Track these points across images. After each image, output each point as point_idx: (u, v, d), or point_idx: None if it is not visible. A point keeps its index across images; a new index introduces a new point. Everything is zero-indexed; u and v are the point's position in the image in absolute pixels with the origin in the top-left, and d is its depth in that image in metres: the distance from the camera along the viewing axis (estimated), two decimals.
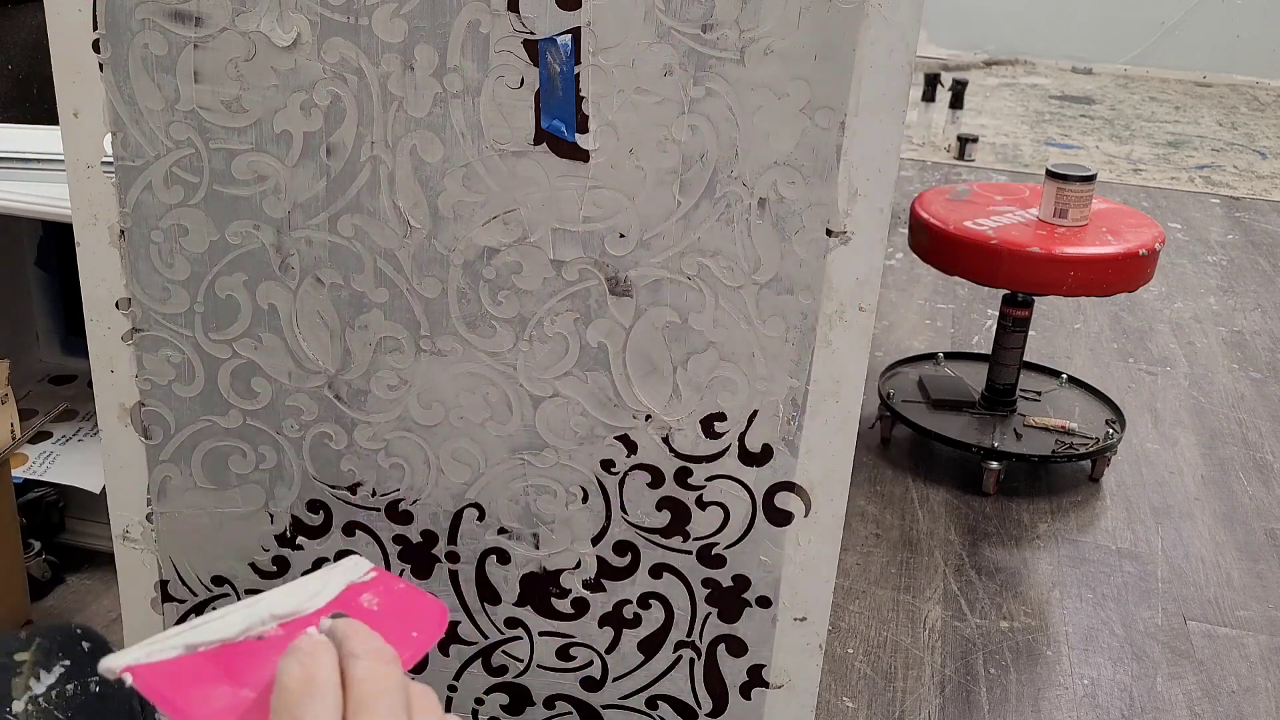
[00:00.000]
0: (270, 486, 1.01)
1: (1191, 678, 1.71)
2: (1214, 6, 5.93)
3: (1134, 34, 6.03)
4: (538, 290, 0.91)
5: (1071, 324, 2.98)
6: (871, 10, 0.80)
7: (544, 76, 0.84)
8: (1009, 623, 1.81)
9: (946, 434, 2.21)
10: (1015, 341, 2.28)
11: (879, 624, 1.79)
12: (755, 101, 0.83)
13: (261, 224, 0.92)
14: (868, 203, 0.84)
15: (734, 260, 0.87)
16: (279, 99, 0.88)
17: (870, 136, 0.83)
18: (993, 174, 4.25)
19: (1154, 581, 1.94)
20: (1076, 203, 2.14)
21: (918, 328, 2.92)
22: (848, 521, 1.91)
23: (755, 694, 1.00)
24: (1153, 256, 2.12)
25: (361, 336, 0.94)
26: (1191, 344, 2.91)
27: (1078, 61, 6.11)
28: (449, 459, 0.97)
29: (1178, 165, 4.53)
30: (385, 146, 0.88)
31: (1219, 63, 6.02)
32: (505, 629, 1.03)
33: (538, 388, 0.94)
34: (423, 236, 0.90)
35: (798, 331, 0.88)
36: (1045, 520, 2.11)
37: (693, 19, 0.81)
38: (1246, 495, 2.22)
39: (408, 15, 0.85)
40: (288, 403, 0.98)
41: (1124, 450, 2.35)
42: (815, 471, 0.92)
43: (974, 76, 5.65)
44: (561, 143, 0.86)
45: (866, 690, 1.64)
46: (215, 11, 0.87)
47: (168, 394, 0.99)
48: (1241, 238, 3.73)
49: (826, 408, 0.90)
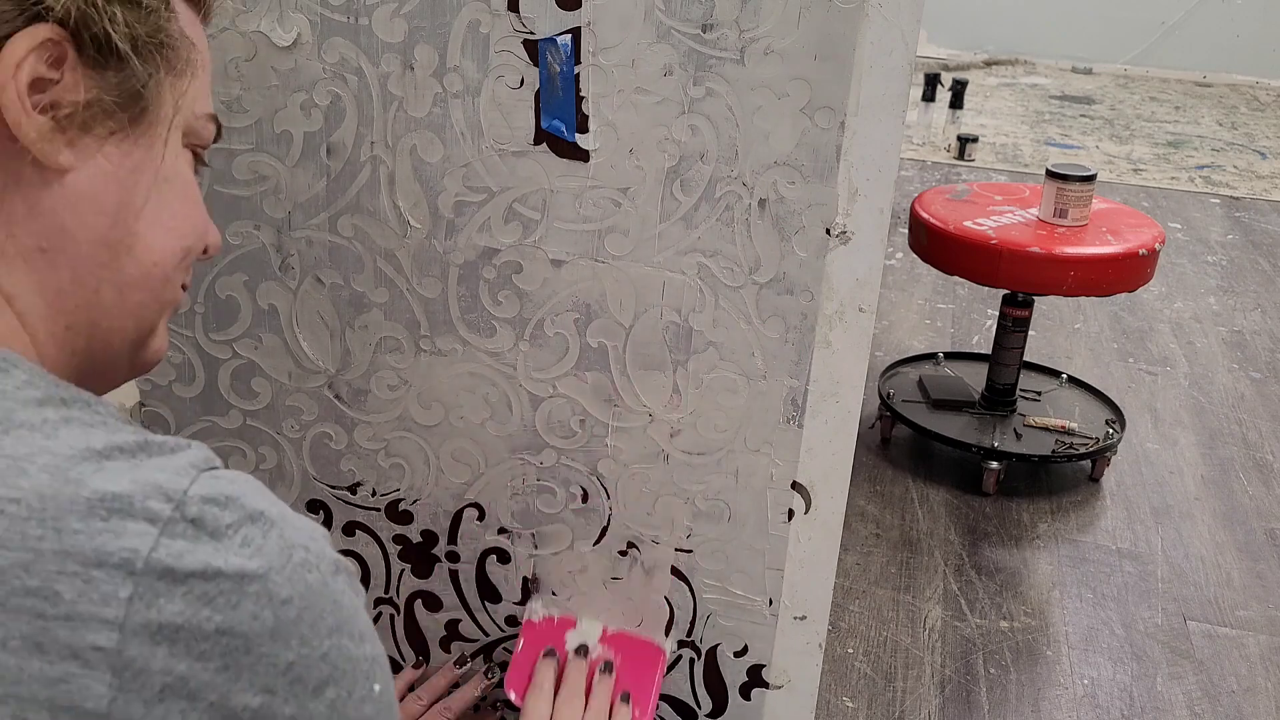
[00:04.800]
0: (270, 486, 1.01)
1: (1191, 678, 1.71)
2: (1214, 6, 5.93)
3: (1134, 34, 6.03)
4: (537, 290, 0.91)
5: (1071, 324, 2.98)
6: (871, 10, 0.80)
7: (544, 76, 0.84)
8: (1009, 623, 1.81)
9: (946, 434, 2.22)
10: (1015, 341, 2.28)
11: (879, 624, 1.79)
12: (755, 101, 0.83)
13: (261, 224, 0.92)
14: (868, 203, 0.84)
15: (734, 260, 0.87)
16: (279, 99, 0.88)
17: (870, 136, 0.83)
18: (993, 174, 4.25)
19: (1154, 581, 1.95)
20: (1076, 203, 2.14)
21: (918, 328, 2.92)
22: (848, 521, 1.91)
23: (755, 694, 1.00)
24: (1153, 256, 2.12)
25: (361, 336, 0.94)
26: (1191, 344, 2.91)
27: (1078, 61, 6.11)
28: (449, 459, 0.97)
29: (1178, 165, 4.53)
30: (385, 146, 0.88)
31: (1219, 63, 6.02)
32: (506, 627, 1.03)
33: (538, 388, 0.94)
34: (422, 236, 0.91)
35: (798, 332, 0.89)
36: (1045, 520, 2.11)
37: (693, 19, 0.82)
38: (1246, 495, 2.22)
39: (408, 15, 0.85)
40: (288, 403, 0.98)
41: (1124, 450, 2.35)
42: (815, 471, 0.92)
43: (974, 76, 5.65)
44: (561, 143, 0.86)
45: (866, 690, 1.64)
46: (215, 11, 0.86)
47: (167, 394, 0.99)
48: (1241, 238, 3.73)
49: (826, 408, 0.90)
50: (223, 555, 0.44)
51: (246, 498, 0.46)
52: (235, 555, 0.44)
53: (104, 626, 0.42)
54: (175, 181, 0.56)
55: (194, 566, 0.43)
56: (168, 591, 0.42)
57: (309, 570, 0.46)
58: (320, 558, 0.47)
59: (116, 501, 0.43)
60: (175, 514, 0.44)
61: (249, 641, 0.43)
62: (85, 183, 0.52)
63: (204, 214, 0.60)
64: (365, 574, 1.03)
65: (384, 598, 1.04)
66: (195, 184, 0.58)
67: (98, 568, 0.42)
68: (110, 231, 0.53)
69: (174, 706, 0.42)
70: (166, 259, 0.56)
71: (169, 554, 0.43)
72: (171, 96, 0.55)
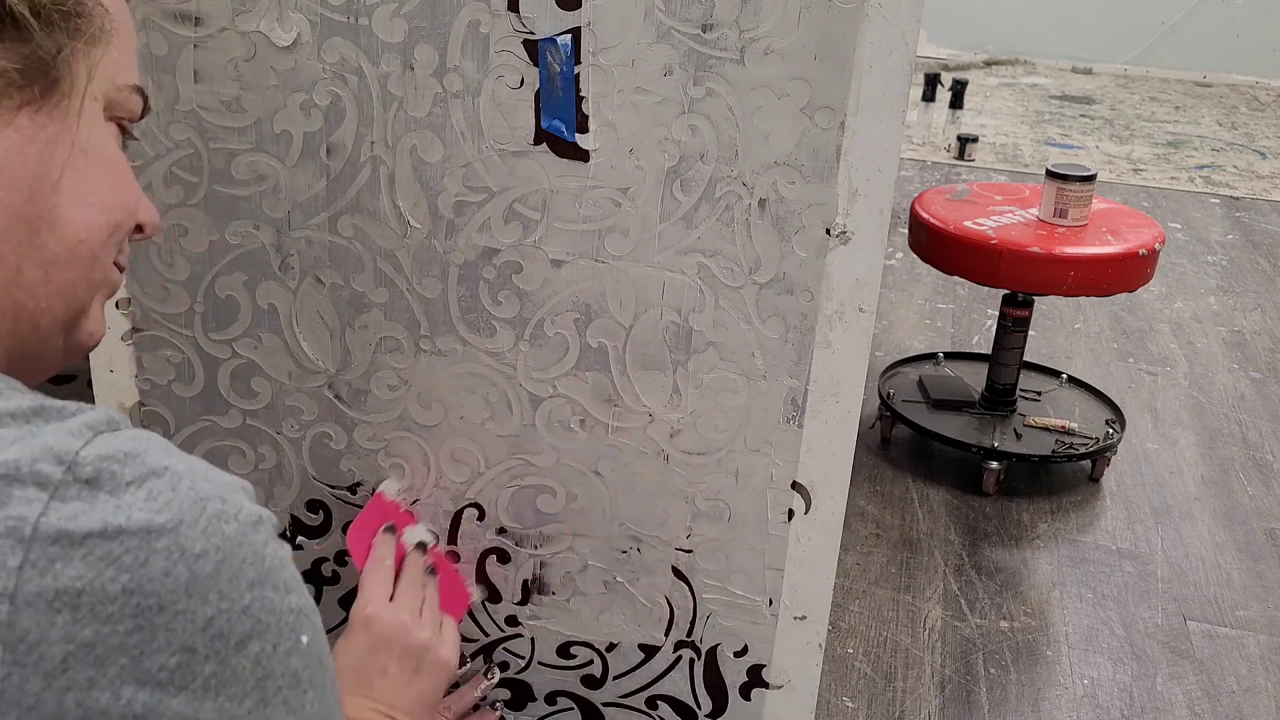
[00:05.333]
0: (270, 486, 1.01)
1: (1191, 678, 1.71)
2: (1214, 6, 5.93)
3: (1134, 34, 6.03)
4: (537, 290, 0.91)
5: (1071, 324, 2.98)
6: (871, 10, 0.80)
7: (544, 76, 0.84)
8: (1009, 623, 1.81)
9: (946, 434, 2.21)
10: (1015, 341, 2.28)
11: (879, 624, 1.79)
12: (755, 101, 0.83)
13: (261, 224, 0.92)
14: (868, 203, 0.84)
15: (734, 260, 0.87)
16: (279, 99, 0.88)
17: (870, 136, 0.83)
18: (993, 174, 4.25)
19: (1154, 581, 1.95)
20: (1076, 203, 2.14)
21: (918, 328, 2.92)
22: (848, 521, 1.91)
23: (755, 694, 1.00)
24: (1153, 256, 2.12)
25: (361, 336, 0.94)
26: (1191, 344, 2.91)
27: (1078, 61, 6.11)
28: (449, 459, 0.97)
29: (1178, 165, 4.53)
30: (385, 146, 0.88)
31: (1219, 63, 6.02)
32: (506, 626, 1.03)
33: (538, 388, 0.94)
34: (422, 236, 0.90)
35: (798, 332, 0.88)
36: (1045, 520, 2.11)
37: (693, 19, 0.81)
38: (1246, 495, 2.22)
39: (408, 15, 0.85)
40: (288, 403, 0.98)
41: (1124, 450, 2.35)
42: (815, 471, 0.92)
43: (974, 76, 5.65)
44: (561, 143, 0.86)
45: (866, 690, 1.64)
46: (215, 11, 0.87)
47: (167, 394, 0.99)
48: (1241, 238, 3.73)
49: (826, 408, 0.90)
50: (124, 512, 0.42)
51: (150, 454, 0.44)
52: (140, 511, 0.42)
53: None
54: (95, 155, 0.54)
55: (92, 526, 0.41)
56: (64, 555, 0.41)
57: (225, 521, 0.44)
58: (238, 509, 0.45)
59: (3, 468, 0.41)
60: (66, 476, 0.42)
61: (161, 599, 0.41)
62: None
63: (134, 189, 0.57)
64: None
65: None
66: (122, 158, 0.56)
67: None
68: (26, 207, 0.51)
69: (80, 675, 0.40)
70: (92, 235, 0.54)
71: (61, 517, 0.41)
72: (85, 66, 0.53)
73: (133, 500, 0.42)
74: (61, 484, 0.42)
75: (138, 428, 0.46)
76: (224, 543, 0.44)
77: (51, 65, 0.51)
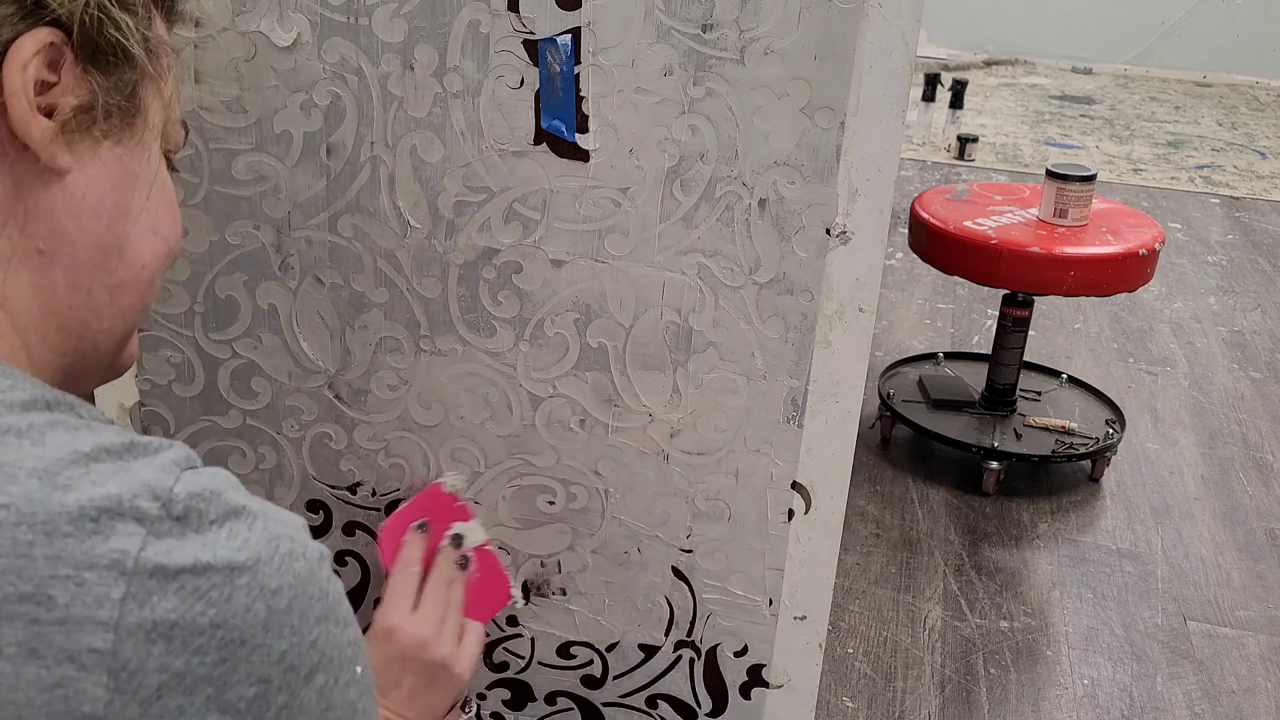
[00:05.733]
0: (270, 487, 1.01)
1: (1191, 678, 1.71)
2: (1214, 6, 5.93)
3: (1134, 34, 6.03)
4: (538, 290, 0.91)
5: (1071, 324, 2.98)
6: (871, 10, 0.80)
7: (544, 76, 0.84)
8: (1009, 623, 1.81)
9: (946, 434, 2.22)
10: (1015, 341, 2.28)
11: (879, 624, 1.79)
12: (755, 101, 0.83)
13: (261, 224, 0.92)
14: (868, 203, 0.84)
15: (734, 260, 0.87)
16: (279, 99, 0.88)
17: (870, 136, 0.83)
18: (993, 174, 4.25)
19: (1154, 581, 1.95)
20: (1076, 203, 2.14)
21: (918, 328, 2.92)
22: (848, 521, 1.91)
23: (755, 694, 1.00)
24: (1153, 256, 2.12)
25: (361, 336, 0.94)
26: (1191, 344, 2.91)
27: (1078, 61, 6.11)
28: (449, 459, 0.97)
29: (1178, 165, 4.53)
30: (385, 146, 0.88)
31: (1219, 63, 6.02)
32: (506, 626, 1.03)
33: (538, 388, 0.94)
34: (422, 236, 0.91)
35: (798, 332, 0.89)
36: (1045, 520, 2.11)
37: (693, 19, 0.82)
38: (1246, 495, 2.22)
39: (408, 15, 0.85)
40: (288, 403, 0.98)
41: (1124, 450, 2.35)
42: (815, 471, 0.92)
43: (974, 76, 5.65)
44: (561, 143, 0.86)
45: (866, 690, 1.64)
46: (215, 11, 0.87)
47: (167, 394, 0.99)
48: (1241, 238, 3.73)
49: (826, 408, 0.90)
50: (210, 549, 0.44)
51: (228, 493, 0.47)
52: (223, 549, 0.44)
53: (98, 628, 0.42)
54: (160, 185, 0.57)
55: (184, 562, 0.43)
56: (160, 589, 0.43)
57: (295, 559, 0.47)
58: (305, 546, 0.48)
59: (105, 503, 0.43)
60: (162, 512, 0.44)
61: (243, 633, 0.44)
62: (84, 185, 0.52)
63: (179, 216, 0.61)
64: (365, 574, 1.03)
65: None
66: (173, 187, 0.59)
67: (89, 570, 0.42)
68: (105, 234, 0.54)
69: (171, 703, 0.42)
70: (154, 261, 0.57)
71: (157, 552, 0.43)
72: (159, 100, 0.56)
73: (216, 538, 0.45)
74: (157, 519, 0.44)
75: (209, 466, 0.49)
76: (295, 580, 0.46)
77: (134, 98, 0.54)
